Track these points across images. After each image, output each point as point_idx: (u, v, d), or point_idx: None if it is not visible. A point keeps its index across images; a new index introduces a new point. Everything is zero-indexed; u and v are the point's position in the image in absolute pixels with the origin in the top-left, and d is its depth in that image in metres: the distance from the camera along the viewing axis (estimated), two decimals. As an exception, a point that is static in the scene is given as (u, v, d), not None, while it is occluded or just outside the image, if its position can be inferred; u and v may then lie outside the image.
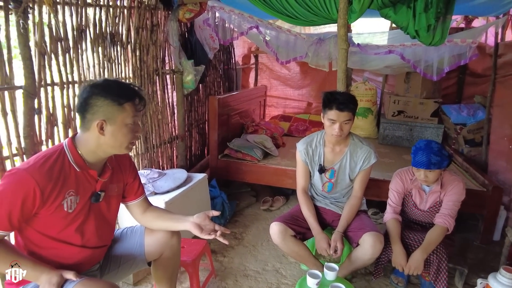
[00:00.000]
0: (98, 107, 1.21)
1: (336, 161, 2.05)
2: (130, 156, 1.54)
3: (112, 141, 1.25)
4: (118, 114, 1.23)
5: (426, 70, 2.88)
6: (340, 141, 2.01)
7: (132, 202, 1.52)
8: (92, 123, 1.22)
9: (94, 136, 1.24)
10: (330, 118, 1.88)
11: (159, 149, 2.88)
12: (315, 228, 1.97)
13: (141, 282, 2.12)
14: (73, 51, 1.98)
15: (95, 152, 1.28)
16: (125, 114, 1.24)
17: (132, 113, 1.26)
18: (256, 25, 2.94)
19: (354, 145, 2.02)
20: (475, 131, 3.52)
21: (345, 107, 1.83)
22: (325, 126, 1.94)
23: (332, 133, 1.90)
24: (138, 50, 2.50)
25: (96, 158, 1.30)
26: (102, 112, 1.21)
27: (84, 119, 1.24)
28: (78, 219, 1.28)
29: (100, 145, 1.26)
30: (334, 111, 1.85)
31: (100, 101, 1.21)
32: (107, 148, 1.27)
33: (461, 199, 1.92)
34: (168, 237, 1.52)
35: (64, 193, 1.21)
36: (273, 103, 5.04)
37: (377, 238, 1.82)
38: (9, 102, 1.63)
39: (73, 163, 1.25)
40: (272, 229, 1.96)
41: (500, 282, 1.61)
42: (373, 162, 2.00)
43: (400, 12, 2.25)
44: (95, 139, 1.24)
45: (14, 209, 1.12)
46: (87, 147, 1.27)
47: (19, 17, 1.59)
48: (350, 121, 1.89)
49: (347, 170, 2.03)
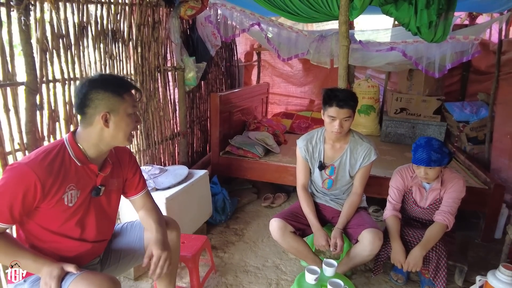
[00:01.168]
0: (100, 100, 1.23)
1: (336, 158, 2.05)
2: (130, 151, 1.56)
3: (116, 131, 1.28)
4: (120, 104, 1.26)
5: (428, 67, 2.86)
6: (340, 138, 2.01)
7: (132, 197, 1.54)
8: (95, 117, 1.24)
9: (97, 129, 1.26)
10: (330, 115, 1.88)
11: (160, 145, 2.89)
12: (314, 224, 1.97)
13: (142, 277, 2.14)
14: (75, 48, 1.99)
15: (98, 146, 1.30)
16: (126, 104, 1.28)
17: (132, 102, 1.30)
18: (258, 22, 2.94)
19: (354, 142, 2.02)
20: (478, 129, 3.50)
21: (345, 104, 1.84)
22: (325, 123, 1.94)
23: (332, 130, 1.91)
24: (139, 47, 2.51)
25: (97, 152, 1.31)
26: (104, 105, 1.24)
27: (85, 115, 1.25)
28: (78, 213, 1.30)
29: (104, 137, 1.28)
30: (334, 108, 1.85)
31: (100, 94, 1.23)
32: (110, 140, 1.29)
33: (461, 196, 1.91)
34: (167, 233, 1.53)
35: (64, 187, 1.23)
36: (276, 100, 5.04)
37: (376, 235, 1.82)
38: (11, 98, 1.64)
39: (74, 158, 1.26)
40: (272, 225, 1.97)
41: (499, 280, 1.60)
42: (373, 159, 2.00)
43: (401, 9, 2.23)
44: (98, 133, 1.27)
45: (15, 203, 1.14)
46: (89, 141, 1.29)
47: (20, 14, 1.60)
48: (350, 118, 1.89)
49: (347, 167, 2.03)
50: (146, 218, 1.50)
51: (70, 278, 1.17)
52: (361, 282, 2.17)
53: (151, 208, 1.55)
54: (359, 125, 4.20)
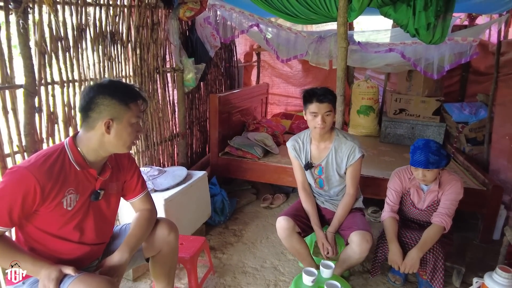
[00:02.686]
0: (105, 106, 1.24)
1: (323, 158, 2.07)
2: (129, 154, 1.56)
3: (116, 139, 1.28)
4: (124, 113, 1.27)
5: (427, 69, 2.86)
6: (325, 137, 2.03)
7: (131, 200, 1.55)
8: (98, 122, 1.25)
9: (98, 134, 1.27)
10: (311, 112, 1.92)
11: (159, 146, 2.90)
12: (315, 224, 2.00)
13: (140, 278, 2.15)
14: (73, 50, 2.00)
15: (97, 151, 1.31)
16: (131, 113, 1.29)
17: (136, 113, 1.31)
18: (257, 23, 2.94)
19: (338, 140, 2.04)
20: (477, 130, 3.50)
21: (324, 98, 1.89)
22: (308, 121, 1.98)
23: (315, 126, 1.94)
24: (138, 48, 2.52)
25: (97, 157, 1.32)
26: (109, 111, 1.25)
27: (89, 118, 1.26)
28: (77, 217, 1.30)
29: (103, 143, 1.29)
30: (314, 104, 1.90)
31: (107, 100, 1.24)
32: (109, 146, 1.30)
33: (458, 198, 1.92)
34: (165, 234, 1.54)
35: (64, 191, 1.24)
36: (275, 101, 5.04)
37: (363, 237, 1.82)
38: (10, 101, 1.65)
39: (73, 162, 1.27)
40: (280, 223, 1.96)
41: (496, 282, 1.61)
42: (358, 156, 1.98)
43: (400, 11, 2.24)
44: (98, 138, 1.27)
45: (15, 206, 1.15)
46: (89, 146, 1.29)
47: (19, 17, 1.61)
48: (331, 113, 1.93)
49: (334, 166, 2.05)
50: (134, 222, 1.49)
51: (68, 281, 1.18)
52: (358, 283, 2.17)
53: (144, 213, 1.53)
54: (358, 126, 4.20)
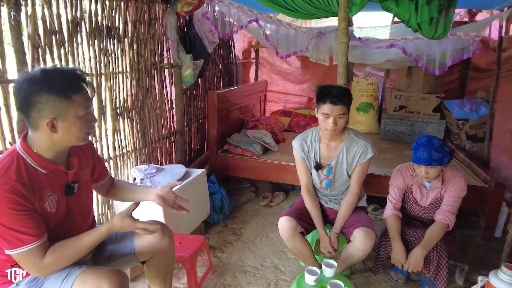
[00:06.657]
0: (43, 104, 1.08)
1: (333, 157, 2.00)
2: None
3: (67, 136, 1.16)
4: (68, 108, 1.11)
5: (428, 65, 2.83)
6: (336, 137, 1.95)
7: (98, 184, 1.51)
8: (40, 122, 1.11)
9: (45, 134, 1.13)
10: (324, 112, 1.83)
11: (157, 144, 2.85)
12: (320, 228, 1.96)
13: (138, 278, 2.10)
14: (68, 45, 1.94)
15: (52, 149, 1.19)
16: (76, 106, 1.13)
17: (83, 103, 1.15)
18: (256, 18, 2.89)
19: (350, 139, 1.97)
20: (477, 127, 3.48)
21: (339, 100, 1.79)
22: (319, 121, 1.89)
23: (326, 128, 1.86)
24: (135, 43, 2.46)
25: (56, 153, 1.21)
26: (49, 109, 1.09)
27: (30, 118, 1.11)
28: (61, 215, 1.25)
29: (55, 142, 1.17)
30: (328, 105, 1.80)
31: (43, 97, 1.07)
32: (63, 143, 1.19)
33: (462, 195, 1.89)
34: (158, 239, 1.47)
35: (43, 196, 1.16)
36: (274, 98, 5.01)
37: (367, 234, 1.78)
38: (2, 96, 1.60)
39: (36, 166, 1.16)
40: (282, 223, 1.91)
41: (502, 280, 1.58)
42: (370, 156, 1.94)
43: (402, 5, 2.20)
44: (47, 137, 1.15)
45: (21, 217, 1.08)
46: (43, 146, 1.17)
47: (10, 9, 1.55)
48: (345, 115, 1.84)
49: (344, 166, 1.99)
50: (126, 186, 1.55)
51: (76, 272, 1.16)
52: (360, 282, 2.14)
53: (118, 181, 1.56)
54: (357, 123, 4.18)
